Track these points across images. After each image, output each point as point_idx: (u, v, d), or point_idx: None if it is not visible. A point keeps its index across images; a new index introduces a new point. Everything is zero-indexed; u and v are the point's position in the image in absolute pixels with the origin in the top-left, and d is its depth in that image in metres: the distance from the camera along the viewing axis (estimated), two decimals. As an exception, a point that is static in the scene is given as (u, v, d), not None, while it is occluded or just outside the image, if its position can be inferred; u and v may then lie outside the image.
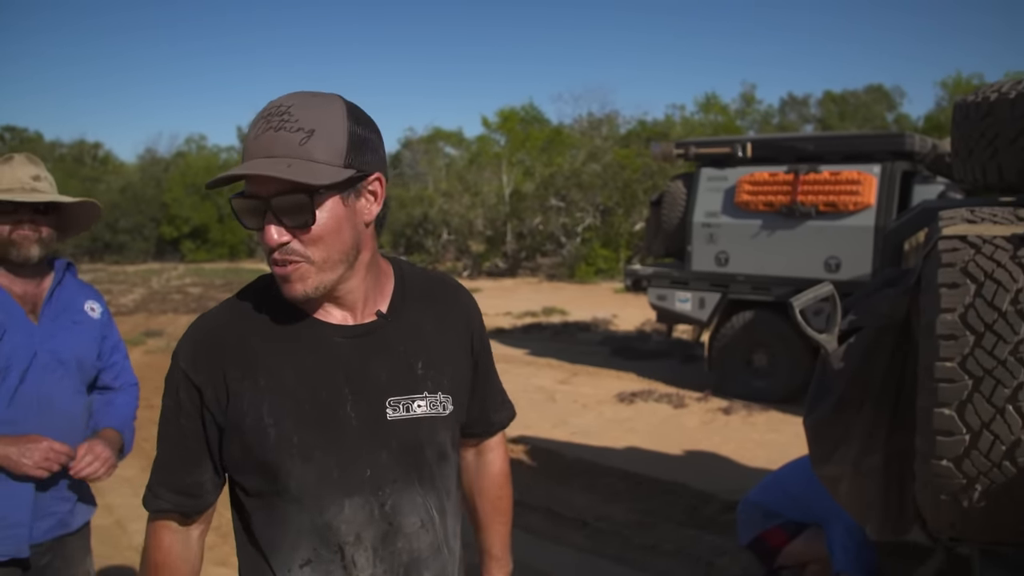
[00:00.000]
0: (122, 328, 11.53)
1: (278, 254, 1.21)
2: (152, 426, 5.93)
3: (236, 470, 1.29)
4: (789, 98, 37.64)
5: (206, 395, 1.26)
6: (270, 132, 1.17)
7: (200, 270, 25.65)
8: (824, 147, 7.25)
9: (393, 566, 1.30)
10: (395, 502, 1.30)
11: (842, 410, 2.19)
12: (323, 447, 1.25)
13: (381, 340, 1.32)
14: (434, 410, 1.34)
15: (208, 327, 1.30)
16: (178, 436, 1.29)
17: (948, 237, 1.99)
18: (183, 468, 1.29)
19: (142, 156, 39.71)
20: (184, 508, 1.31)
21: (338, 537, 1.26)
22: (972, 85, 27.64)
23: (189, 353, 1.28)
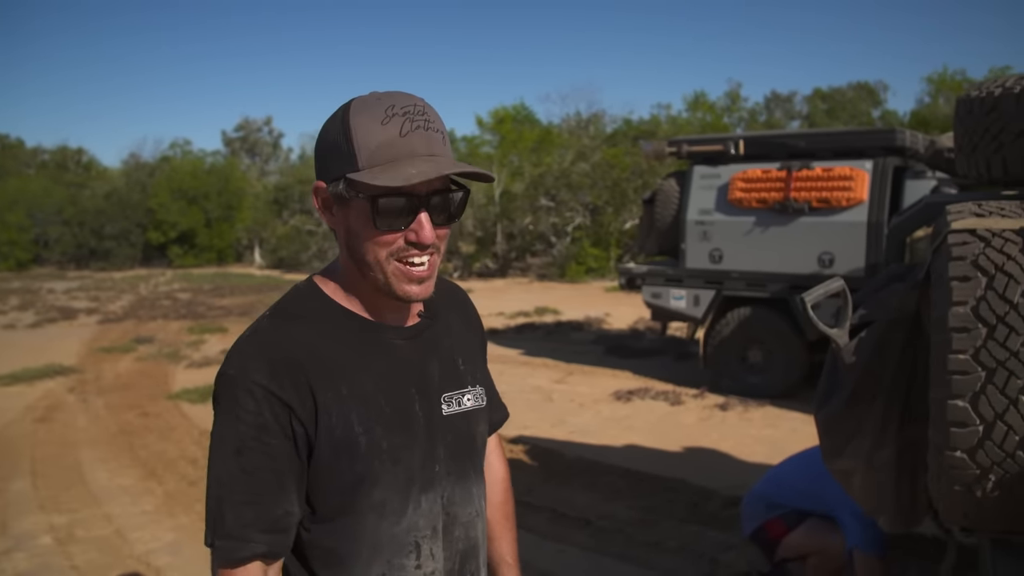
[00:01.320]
0: (112, 335, 11.49)
1: (424, 253, 1.21)
2: (147, 433, 5.92)
3: (315, 489, 1.23)
4: (773, 95, 37.82)
5: (296, 411, 1.18)
6: (420, 131, 1.17)
7: (188, 275, 25.55)
8: (816, 144, 7.30)
9: (452, 554, 1.33)
10: (451, 493, 1.33)
11: (854, 404, 2.21)
12: (408, 447, 1.26)
13: (430, 339, 1.35)
14: (477, 403, 1.39)
15: (275, 341, 1.22)
16: (264, 462, 1.16)
17: (957, 231, 2.01)
18: (272, 498, 1.18)
19: (126, 161, 39.56)
20: (278, 548, 1.20)
21: (415, 533, 1.27)
22: (957, 81, 27.86)
23: (267, 369, 1.18)
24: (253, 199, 32.44)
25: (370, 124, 1.16)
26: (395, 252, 1.20)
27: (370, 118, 1.16)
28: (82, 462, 6.01)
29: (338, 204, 1.22)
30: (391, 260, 1.20)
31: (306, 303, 1.29)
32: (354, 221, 1.20)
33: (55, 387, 8.76)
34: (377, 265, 1.21)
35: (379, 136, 1.15)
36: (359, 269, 1.24)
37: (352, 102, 1.21)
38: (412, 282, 1.22)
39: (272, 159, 43.81)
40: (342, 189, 1.18)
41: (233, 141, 43.13)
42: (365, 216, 1.18)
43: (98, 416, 7.46)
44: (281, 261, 27.60)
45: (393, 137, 1.15)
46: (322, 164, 1.23)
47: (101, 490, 5.39)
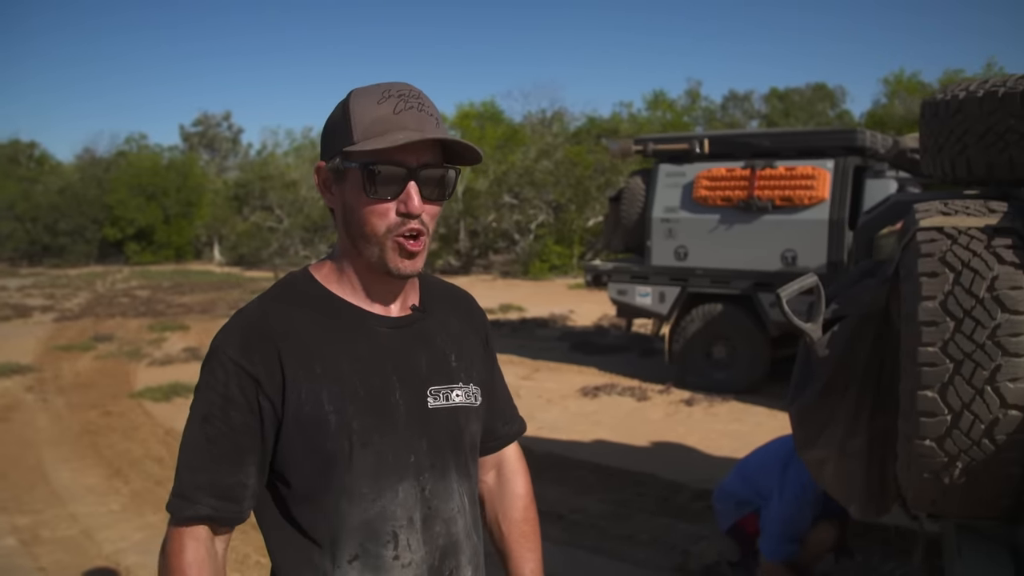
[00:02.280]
0: (70, 333, 11.25)
1: (415, 224, 1.26)
2: (111, 432, 5.86)
3: (288, 465, 1.27)
4: (731, 95, 38.28)
5: (264, 385, 1.23)
6: (413, 111, 1.25)
7: (146, 272, 25.15)
8: (779, 143, 7.44)
9: (432, 549, 1.34)
10: (433, 487, 1.34)
11: (827, 395, 2.29)
12: (380, 432, 1.28)
13: (420, 332, 1.37)
14: (468, 400, 1.40)
15: (254, 318, 1.29)
16: (224, 432, 1.22)
17: (926, 229, 2.09)
18: (227, 468, 1.23)
19: (80, 156, 38.77)
20: (224, 514, 1.24)
21: (392, 522, 1.29)
22: (913, 83, 28.46)
23: (239, 343, 1.25)
24: (213, 195, 32.01)
25: (367, 103, 1.24)
26: (392, 227, 1.25)
27: (368, 100, 1.25)
28: (44, 462, 5.91)
29: (336, 180, 1.29)
30: (389, 235, 1.25)
31: (295, 286, 1.35)
32: (349, 193, 1.27)
33: (12, 386, 8.59)
34: (374, 237, 1.26)
35: (374, 113, 1.23)
36: (355, 245, 1.29)
37: (353, 91, 1.29)
38: (405, 256, 1.27)
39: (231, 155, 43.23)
40: (338, 162, 1.26)
41: (191, 136, 42.45)
42: (359, 185, 1.24)
43: (59, 415, 7.33)
44: (241, 258, 27.28)
45: (387, 114, 1.23)
46: (324, 146, 1.31)
47: (65, 490, 5.31)
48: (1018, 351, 1.89)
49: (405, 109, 1.24)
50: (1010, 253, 1.96)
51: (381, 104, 1.23)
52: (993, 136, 2.26)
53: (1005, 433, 1.91)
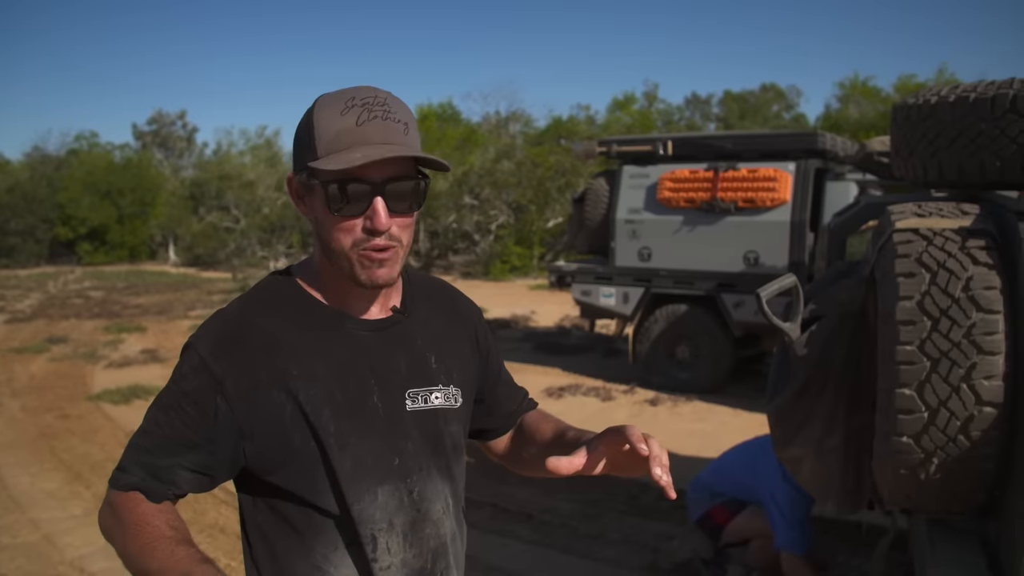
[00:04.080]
0: (22, 335, 10.98)
1: (382, 239, 1.23)
2: (69, 436, 5.75)
3: (265, 466, 1.27)
4: (693, 97, 38.71)
5: (227, 387, 1.23)
6: (377, 120, 1.20)
7: (99, 273, 24.61)
8: (742, 145, 7.54)
9: (422, 551, 1.33)
10: (421, 489, 1.33)
11: (805, 394, 2.33)
12: (357, 434, 1.27)
13: (400, 334, 1.36)
14: (448, 402, 1.39)
15: (232, 319, 1.29)
16: (173, 420, 1.24)
17: (902, 230, 2.14)
18: (162, 451, 1.24)
19: (29, 154, 37.80)
20: (148, 487, 1.25)
21: (372, 525, 1.28)
22: (868, 88, 29.06)
23: (211, 342, 1.26)
24: (168, 195, 31.45)
25: (330, 115, 1.20)
26: (358, 242, 1.23)
27: (331, 109, 1.21)
28: (0, 467, 5.76)
29: (306, 194, 1.26)
30: (355, 249, 1.23)
31: (275, 289, 1.34)
32: (317, 207, 1.24)
33: (-36, 390, 8.36)
34: (341, 252, 1.24)
35: (337, 125, 1.19)
36: (327, 257, 1.28)
37: (319, 98, 1.25)
38: (378, 266, 1.24)
39: (187, 154, 42.52)
40: (306, 178, 1.24)
41: (145, 135, 41.61)
42: (324, 203, 1.22)
43: (14, 419, 7.15)
44: (197, 259, 26.84)
45: (349, 126, 1.19)
46: (295, 156, 1.28)
47: (23, 495, 5.19)
48: (993, 349, 1.95)
49: (368, 120, 1.20)
50: (984, 254, 2.02)
51: (344, 115, 1.20)
52: (964, 140, 2.33)
53: (980, 429, 1.97)
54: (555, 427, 1.51)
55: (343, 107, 1.20)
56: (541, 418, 1.57)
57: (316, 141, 1.20)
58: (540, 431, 1.53)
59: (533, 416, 1.59)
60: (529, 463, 1.55)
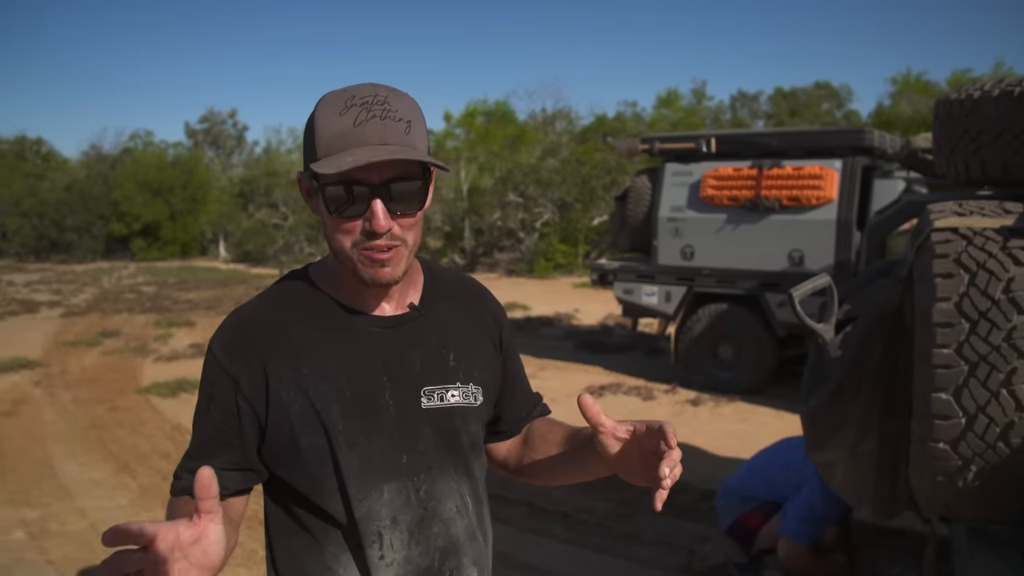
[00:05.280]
0: (77, 328, 11.28)
1: (383, 240, 1.22)
2: (119, 428, 5.89)
3: (276, 461, 1.29)
4: (739, 94, 38.22)
5: (243, 385, 1.26)
6: (375, 120, 1.19)
7: (152, 268, 25.16)
8: (787, 142, 7.41)
9: (429, 549, 1.32)
10: (430, 488, 1.32)
11: (838, 397, 2.28)
12: (366, 433, 1.27)
13: (414, 331, 1.35)
14: (466, 400, 1.37)
15: (244, 318, 1.31)
16: (205, 424, 1.29)
17: (941, 229, 2.08)
18: (204, 457, 1.28)
19: (87, 153, 38.84)
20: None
21: (378, 522, 1.28)
22: (921, 83, 28.37)
23: (225, 344, 1.28)
24: (218, 192, 32.03)
25: (330, 115, 1.19)
26: (358, 243, 1.22)
27: (331, 109, 1.20)
28: (52, 456, 5.93)
29: (312, 195, 1.27)
30: (355, 250, 1.23)
31: (290, 286, 1.35)
32: (321, 209, 1.24)
33: (20, 381, 8.61)
34: (343, 253, 1.24)
35: (335, 126, 1.18)
36: (333, 255, 1.28)
37: (322, 97, 1.24)
38: (380, 265, 1.23)
39: (236, 152, 43.27)
40: (310, 179, 1.24)
41: (196, 133, 42.50)
42: (325, 205, 1.22)
43: (66, 410, 7.35)
44: (247, 255, 27.29)
45: (347, 127, 1.18)
46: (304, 156, 1.27)
47: (73, 484, 5.33)
48: (1034, 354, 1.88)
49: (367, 120, 1.18)
50: (1026, 255, 1.95)
51: (343, 115, 1.18)
52: (1008, 136, 2.25)
53: (1020, 436, 1.90)
54: (566, 429, 1.49)
55: (342, 107, 1.19)
56: (551, 423, 1.55)
57: (316, 142, 1.19)
58: (552, 433, 1.50)
59: (543, 421, 1.56)
60: (534, 468, 1.53)
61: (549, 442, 1.49)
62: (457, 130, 29.64)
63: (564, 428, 1.50)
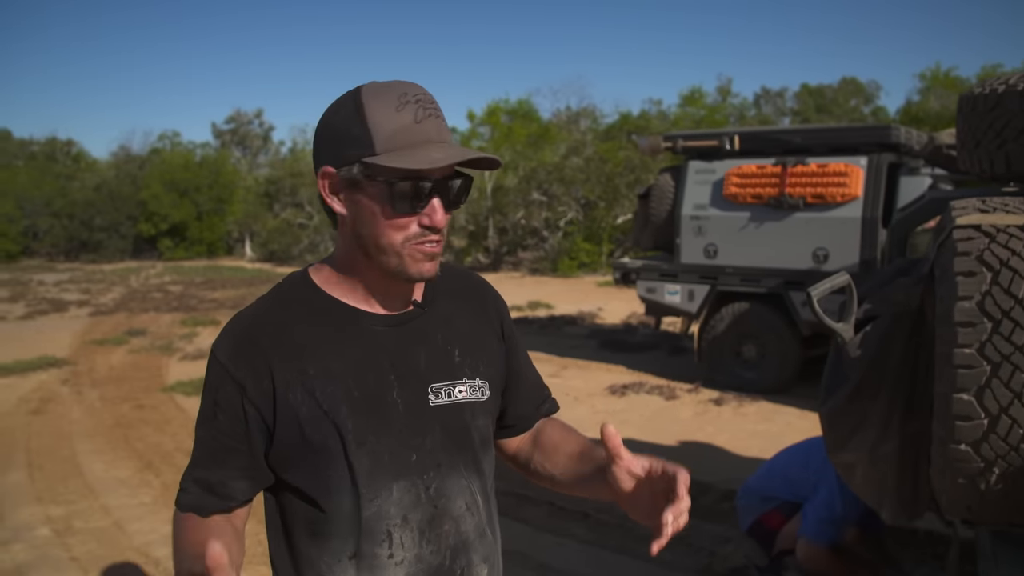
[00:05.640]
0: (104, 327, 11.42)
1: (435, 235, 1.25)
2: (143, 425, 5.93)
3: (284, 464, 1.27)
4: (763, 91, 37.91)
5: (249, 390, 1.23)
6: (432, 118, 1.21)
7: (179, 268, 25.43)
8: (811, 139, 7.32)
9: (440, 548, 1.32)
10: (439, 486, 1.32)
11: (858, 397, 2.24)
12: (375, 432, 1.26)
13: (419, 329, 1.34)
14: (473, 395, 1.37)
15: (247, 321, 1.29)
16: (213, 432, 1.26)
17: (963, 226, 2.03)
18: (212, 465, 1.27)
19: (115, 153, 39.36)
20: (205, 504, 1.27)
21: (387, 521, 1.27)
22: (950, 78, 27.95)
23: (229, 347, 1.26)
24: (244, 192, 32.31)
25: (385, 110, 1.19)
26: (411, 238, 1.23)
27: (385, 104, 1.19)
28: (78, 454, 6.00)
29: (349, 189, 1.23)
30: (407, 245, 1.23)
31: (292, 289, 1.33)
32: (367, 205, 1.22)
33: (48, 379, 8.74)
34: (391, 248, 1.23)
35: (395, 122, 1.18)
36: (367, 254, 1.26)
37: (362, 89, 1.23)
38: (428, 259, 1.25)
39: (262, 152, 43.64)
40: (356, 173, 1.21)
41: (223, 133, 42.93)
42: (381, 200, 1.21)
43: (93, 408, 7.44)
44: (272, 254, 27.51)
45: (409, 123, 1.19)
46: (330, 149, 1.23)
47: (98, 482, 5.39)
48: (1058, 354, 1.83)
49: (425, 117, 1.20)
50: (1051, 252, 1.90)
51: (401, 112, 1.19)
52: (1033, 131, 2.20)
53: (1044, 438, 1.85)
54: (581, 444, 1.46)
55: (397, 103, 1.19)
56: (566, 431, 1.52)
57: (373, 136, 1.18)
58: (566, 442, 1.48)
59: (557, 428, 1.53)
60: (542, 474, 1.52)
61: (561, 453, 1.47)
62: (480, 128, 29.65)
63: (578, 442, 1.47)
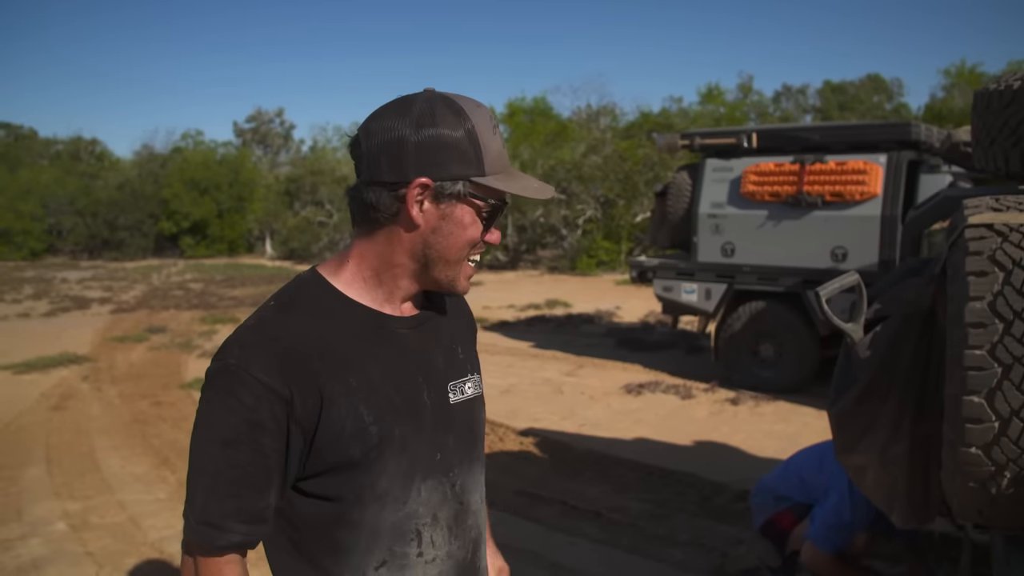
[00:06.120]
0: (125, 324, 11.53)
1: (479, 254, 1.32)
2: (160, 422, 5.95)
3: (316, 476, 1.22)
4: (784, 88, 37.60)
5: (296, 407, 1.16)
6: (500, 138, 1.28)
7: (200, 266, 25.64)
8: (830, 137, 7.24)
9: (465, 543, 1.35)
10: (463, 482, 1.35)
11: (867, 399, 2.20)
12: (413, 436, 1.27)
13: (432, 329, 1.37)
14: (476, 391, 1.42)
15: (280, 333, 1.20)
16: (253, 458, 1.15)
17: (975, 225, 1.99)
18: (256, 493, 1.17)
19: (138, 152, 39.76)
20: (254, 538, 1.19)
21: (415, 520, 1.28)
22: (975, 75, 27.59)
23: (268, 364, 1.15)
24: (264, 190, 32.52)
25: (486, 132, 1.23)
26: (467, 254, 1.29)
27: (485, 126, 1.23)
28: (96, 450, 6.06)
29: (440, 201, 1.22)
30: (464, 260, 1.29)
31: (311, 293, 1.27)
32: (453, 219, 1.24)
33: (69, 375, 8.83)
34: (457, 262, 1.28)
35: (494, 145, 1.24)
36: (424, 263, 1.27)
37: (461, 104, 1.22)
38: (469, 278, 1.33)
39: (283, 150, 43.90)
40: (460, 188, 1.22)
41: (245, 132, 43.23)
42: (473, 217, 1.25)
43: (112, 404, 7.51)
44: (292, 252, 27.68)
45: (500, 148, 1.26)
46: (433, 159, 1.20)
47: (114, 478, 5.44)
48: (1071, 356, 1.79)
49: (503, 145, 1.27)
50: (1064, 252, 1.86)
51: (495, 135, 1.24)
52: (1049, 129, 2.16)
53: (1056, 442, 1.81)
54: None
55: (491, 124, 1.25)
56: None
57: (484, 158, 1.21)
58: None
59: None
60: None
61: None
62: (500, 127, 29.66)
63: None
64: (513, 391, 7.67)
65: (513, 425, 6.49)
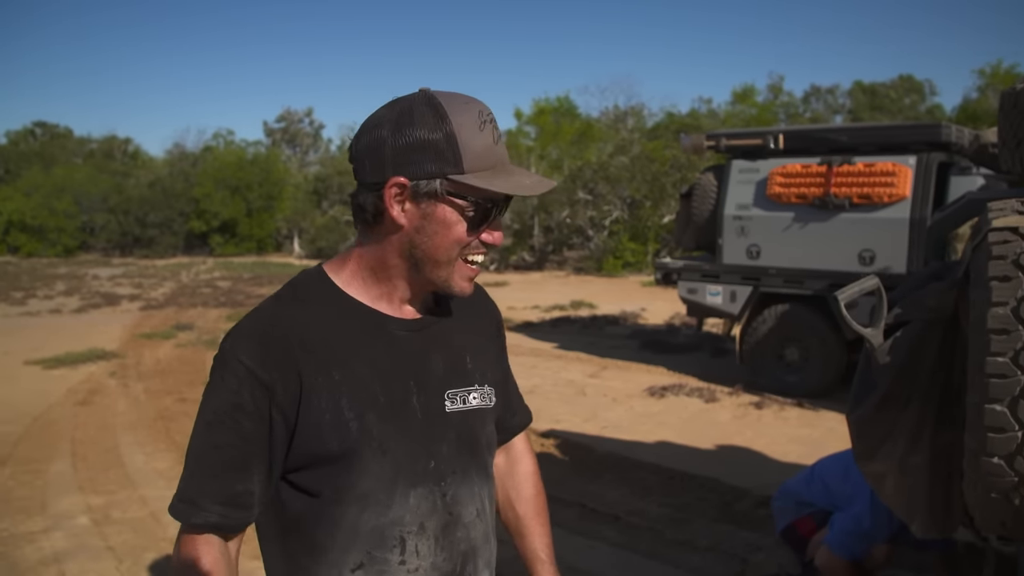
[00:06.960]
0: (153, 321, 11.65)
1: (487, 252, 1.28)
2: (184, 418, 6.01)
3: (300, 470, 1.24)
4: (813, 89, 37.17)
5: (277, 394, 1.19)
6: (502, 140, 1.26)
7: (229, 264, 25.90)
8: (858, 138, 7.13)
9: (452, 555, 1.31)
10: (455, 493, 1.31)
11: (887, 406, 2.15)
12: (397, 438, 1.25)
13: (436, 334, 1.34)
14: (484, 402, 1.38)
15: (270, 322, 1.23)
16: (233, 439, 1.18)
17: (999, 229, 1.94)
18: (235, 475, 1.19)
19: (170, 151, 40.27)
20: (232, 521, 1.20)
21: (400, 528, 1.26)
22: (1011, 75, 27.12)
23: (253, 350, 1.19)
24: (293, 189, 32.79)
25: (471, 128, 1.19)
26: (463, 254, 1.25)
27: (469, 122, 1.19)
28: (120, 445, 6.12)
29: (420, 201, 1.21)
30: (460, 261, 1.25)
31: (311, 288, 1.29)
32: (439, 219, 1.22)
33: (97, 371, 8.94)
34: (447, 263, 1.24)
35: (480, 142, 1.20)
36: (415, 263, 1.25)
37: (439, 100, 1.20)
38: (469, 279, 1.28)
39: (312, 150, 44.22)
40: (437, 187, 1.20)
41: (274, 132, 43.61)
42: (456, 216, 1.22)
43: (137, 400, 7.59)
44: (320, 251, 27.88)
45: (489, 144, 1.21)
46: (407, 159, 1.19)
47: (137, 473, 5.49)
48: (1097, 364, 1.74)
49: (499, 139, 1.23)
50: (1091, 257, 1.80)
51: (483, 131, 1.20)
52: (1078, 130, 2.10)
53: (1081, 452, 1.76)
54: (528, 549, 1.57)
55: (478, 122, 1.20)
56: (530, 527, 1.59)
57: (462, 155, 1.18)
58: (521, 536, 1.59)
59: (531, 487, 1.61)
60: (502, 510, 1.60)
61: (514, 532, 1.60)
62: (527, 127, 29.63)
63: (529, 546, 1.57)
64: (536, 392, 7.64)
65: (534, 426, 6.47)
